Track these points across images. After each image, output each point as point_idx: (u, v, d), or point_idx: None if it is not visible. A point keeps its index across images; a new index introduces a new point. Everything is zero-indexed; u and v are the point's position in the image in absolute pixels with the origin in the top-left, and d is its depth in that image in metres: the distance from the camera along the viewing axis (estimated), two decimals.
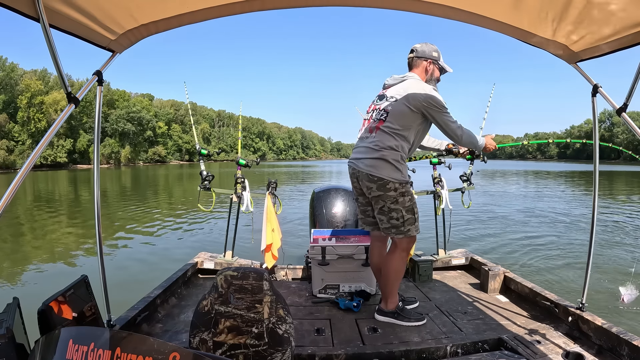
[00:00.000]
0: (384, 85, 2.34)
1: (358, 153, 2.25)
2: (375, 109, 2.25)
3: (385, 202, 2.16)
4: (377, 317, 2.31)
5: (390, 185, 2.13)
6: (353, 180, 2.33)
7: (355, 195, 2.41)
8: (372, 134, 2.19)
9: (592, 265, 2.21)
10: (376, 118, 2.20)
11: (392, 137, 2.14)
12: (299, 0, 1.86)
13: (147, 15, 1.74)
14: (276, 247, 3.07)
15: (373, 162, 2.14)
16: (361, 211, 2.42)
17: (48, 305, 1.45)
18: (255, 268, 1.34)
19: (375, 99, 2.34)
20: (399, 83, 2.25)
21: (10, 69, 59.93)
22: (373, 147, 2.15)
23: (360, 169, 2.19)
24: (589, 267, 2.19)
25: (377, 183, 2.13)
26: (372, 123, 2.23)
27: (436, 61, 2.29)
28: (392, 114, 2.15)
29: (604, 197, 14.07)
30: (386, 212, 2.18)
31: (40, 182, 26.28)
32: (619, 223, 8.65)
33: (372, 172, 2.14)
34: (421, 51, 2.28)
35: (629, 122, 1.73)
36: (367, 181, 2.17)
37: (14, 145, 55.70)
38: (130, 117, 71.76)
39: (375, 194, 2.16)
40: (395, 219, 2.17)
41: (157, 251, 6.67)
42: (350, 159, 2.33)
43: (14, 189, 1.23)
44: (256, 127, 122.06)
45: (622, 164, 62.54)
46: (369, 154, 2.17)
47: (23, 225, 9.61)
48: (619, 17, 1.61)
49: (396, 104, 2.15)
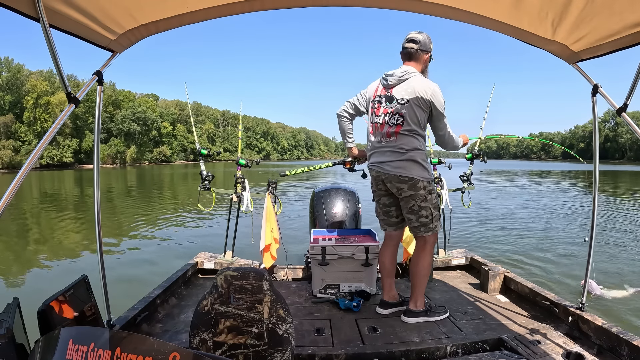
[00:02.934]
0: (385, 84, 2.28)
1: (381, 156, 2.29)
2: (387, 113, 2.23)
3: (416, 200, 2.22)
4: (407, 319, 2.27)
5: (420, 184, 2.20)
6: (377, 183, 2.37)
7: (377, 197, 2.45)
8: (392, 137, 2.22)
9: (593, 264, 2.21)
10: (392, 123, 2.20)
11: (414, 138, 2.20)
12: (299, 0, 1.87)
13: (147, 15, 1.74)
14: (275, 247, 3.07)
15: (401, 163, 2.20)
16: (383, 212, 2.46)
17: (48, 305, 1.45)
18: (255, 268, 1.34)
19: (381, 99, 2.28)
20: (402, 83, 2.22)
21: (17, 69, 60.49)
22: (398, 150, 2.20)
23: (387, 171, 2.24)
24: (589, 267, 2.19)
25: (408, 183, 2.20)
26: (389, 128, 2.22)
27: (431, 51, 2.30)
28: (408, 117, 2.17)
29: (607, 196, 14.07)
30: (416, 211, 2.25)
31: (46, 182, 26.51)
32: (620, 222, 8.65)
33: (401, 173, 2.19)
34: (424, 43, 2.25)
35: (629, 122, 1.73)
36: (397, 182, 2.22)
37: (20, 145, 56.19)
38: (135, 118, 72.27)
39: (407, 194, 2.22)
40: (425, 217, 2.25)
41: (158, 251, 6.67)
42: (371, 163, 2.36)
43: (15, 187, 1.23)
44: (260, 127, 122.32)
45: (626, 163, 62.50)
46: (395, 156, 2.22)
47: (26, 225, 9.62)
48: (619, 17, 1.61)
49: (408, 106, 2.16)
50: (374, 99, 2.34)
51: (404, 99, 2.17)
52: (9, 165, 51.37)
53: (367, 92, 2.41)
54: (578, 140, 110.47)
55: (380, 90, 2.32)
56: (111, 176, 33.01)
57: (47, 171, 46.00)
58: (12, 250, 7.11)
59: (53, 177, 31.91)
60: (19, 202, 13.40)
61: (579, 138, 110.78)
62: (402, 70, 2.24)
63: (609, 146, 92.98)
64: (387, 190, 2.35)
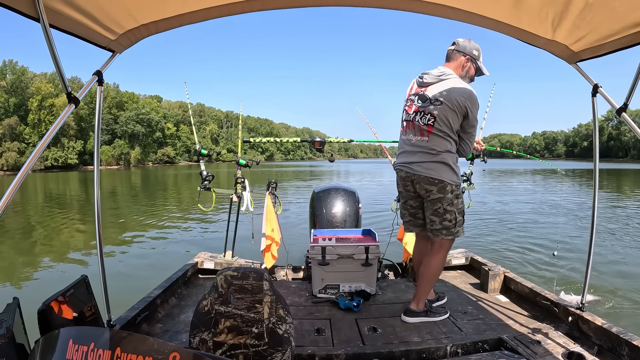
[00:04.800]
0: (420, 82, 2.24)
1: (411, 156, 2.25)
2: (419, 111, 2.19)
3: (442, 203, 2.20)
4: (408, 319, 2.27)
5: (448, 187, 2.18)
6: (406, 184, 2.33)
7: (404, 198, 2.42)
8: (424, 137, 2.18)
9: (593, 264, 2.21)
10: (425, 122, 2.17)
11: (446, 141, 2.17)
12: (299, 0, 1.87)
13: (147, 15, 1.74)
14: (276, 247, 3.07)
15: (432, 165, 2.16)
16: (410, 214, 2.44)
17: (48, 305, 1.45)
18: (255, 268, 1.34)
19: (414, 98, 2.24)
20: (439, 83, 2.17)
21: (21, 72, 60.75)
22: (429, 151, 2.17)
23: (417, 172, 2.20)
24: (589, 266, 2.19)
25: (438, 185, 2.17)
26: (420, 127, 2.19)
27: (475, 60, 2.24)
28: (440, 118, 2.13)
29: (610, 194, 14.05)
30: (440, 214, 2.22)
31: (51, 183, 26.76)
32: (622, 221, 8.64)
33: (432, 174, 2.16)
34: (462, 46, 2.22)
35: (629, 122, 1.73)
36: (427, 184, 2.19)
37: (25, 147, 56.37)
38: (139, 119, 72.46)
39: (435, 196, 2.19)
40: (448, 221, 2.22)
41: (158, 251, 6.68)
42: (400, 162, 2.31)
43: (16, 186, 1.23)
44: (264, 127, 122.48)
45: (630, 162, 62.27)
46: (426, 157, 2.18)
47: (28, 225, 9.64)
48: (619, 17, 1.61)
49: (442, 107, 2.12)
50: (408, 97, 2.32)
51: (438, 99, 2.13)
52: (14, 167, 51.69)
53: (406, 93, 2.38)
54: (581, 138, 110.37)
55: (414, 89, 2.28)
56: (115, 177, 33.17)
57: (51, 173, 46.29)
58: (13, 250, 7.12)
59: (58, 179, 32.10)
60: (24, 203, 13.41)
61: (582, 137, 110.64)
62: (440, 70, 2.21)
63: (613, 144, 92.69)
64: (416, 192, 2.31)
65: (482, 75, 2.31)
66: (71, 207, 13.47)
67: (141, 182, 27.93)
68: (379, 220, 7.44)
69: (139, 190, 21.10)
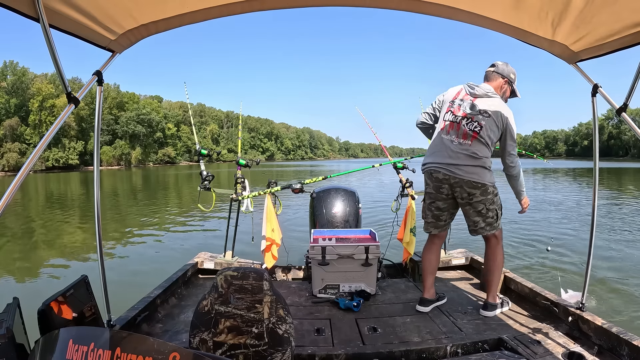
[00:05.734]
0: (470, 92, 2.36)
1: (452, 159, 2.29)
2: (466, 117, 2.30)
3: (485, 204, 2.32)
4: (487, 313, 2.36)
5: (490, 189, 2.30)
6: (441, 186, 2.36)
7: (432, 199, 2.44)
8: (467, 141, 2.27)
9: (593, 264, 2.21)
10: (471, 128, 2.28)
11: (487, 148, 2.29)
12: (299, 0, 1.86)
13: (147, 15, 1.74)
14: (276, 247, 3.07)
15: (475, 169, 2.25)
16: (434, 215, 2.47)
17: (48, 305, 1.45)
18: (255, 268, 1.34)
19: (462, 103, 2.34)
20: (487, 98, 2.32)
21: (22, 73, 60.76)
22: (472, 154, 2.26)
23: (459, 175, 2.26)
24: (589, 266, 2.19)
25: (481, 189, 2.27)
26: (467, 131, 2.28)
27: (511, 83, 2.41)
28: (486, 128, 2.27)
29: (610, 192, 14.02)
30: (484, 214, 2.33)
31: (52, 184, 26.80)
32: (622, 220, 8.64)
33: (475, 179, 2.24)
34: (501, 69, 2.40)
35: (629, 122, 1.73)
36: (470, 187, 2.27)
37: (26, 148, 56.36)
38: (140, 119, 72.47)
39: (478, 199, 2.29)
40: (491, 217, 2.36)
41: (158, 251, 6.68)
42: (437, 163, 2.33)
43: (17, 184, 1.23)
44: (264, 127, 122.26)
45: (630, 161, 62.07)
46: (469, 161, 2.26)
47: (29, 225, 9.64)
48: (619, 17, 1.61)
49: (489, 120, 2.27)
50: (453, 100, 2.39)
51: (487, 112, 2.27)
52: (15, 167, 51.73)
53: (444, 96, 2.48)
54: (582, 137, 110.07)
55: (462, 95, 2.38)
56: (116, 177, 33.19)
57: (52, 173, 46.38)
58: (13, 250, 7.12)
59: (59, 179, 32.16)
60: (24, 203, 13.42)
61: (582, 135, 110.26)
62: (487, 87, 2.35)
63: (613, 143, 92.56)
64: (448, 195, 2.36)
65: (515, 97, 2.47)
66: (72, 207, 13.47)
67: (142, 182, 27.95)
68: (379, 220, 7.44)
69: (140, 190, 21.10)
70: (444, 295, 2.61)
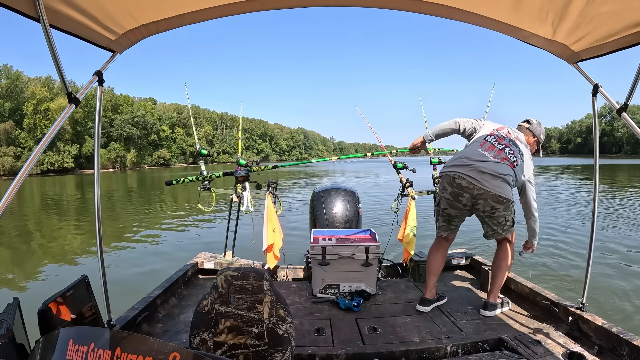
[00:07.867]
0: (514, 133, 2.45)
1: (479, 172, 2.27)
2: (508, 147, 2.36)
3: (505, 216, 2.35)
4: (488, 313, 2.38)
5: (512, 204, 2.35)
6: (461, 194, 2.32)
7: (448, 206, 2.42)
8: (503, 164, 2.29)
9: (593, 263, 2.21)
10: (511, 159, 2.33)
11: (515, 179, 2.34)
12: (299, 0, 1.87)
13: (148, 15, 1.74)
14: (278, 247, 3.07)
15: (500, 183, 2.28)
16: (445, 220, 2.49)
17: (48, 305, 1.45)
18: (255, 268, 1.34)
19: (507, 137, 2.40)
20: (523, 145, 2.43)
21: (16, 76, 60.53)
22: (501, 175, 2.26)
23: (486, 188, 2.25)
24: (589, 266, 2.19)
25: (505, 204, 2.30)
26: (507, 156, 2.33)
27: (539, 143, 2.56)
28: (519, 168, 2.34)
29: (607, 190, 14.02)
30: (503, 224, 2.38)
31: (48, 187, 26.76)
32: (621, 218, 8.63)
33: (501, 193, 2.26)
34: (535, 128, 2.55)
35: (629, 122, 1.72)
36: (494, 201, 2.27)
37: (21, 151, 56.23)
38: (134, 122, 72.22)
39: (500, 213, 2.33)
40: (509, 225, 2.41)
41: (158, 251, 6.68)
42: (463, 173, 2.30)
43: (16, 187, 1.23)
44: (259, 128, 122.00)
45: (623, 157, 62.00)
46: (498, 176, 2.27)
47: (27, 227, 9.65)
48: (619, 17, 1.61)
49: (521, 164, 2.35)
50: (498, 130, 2.45)
51: (522, 156, 2.38)
52: (11, 171, 51.54)
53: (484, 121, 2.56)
54: (575, 135, 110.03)
55: (505, 132, 2.45)
56: (112, 180, 33.18)
57: (48, 177, 46.20)
58: (13, 251, 7.12)
59: (54, 182, 32.13)
60: (21, 206, 13.42)
61: (575, 133, 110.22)
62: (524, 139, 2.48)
63: (606, 140, 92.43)
64: (465, 205, 2.34)
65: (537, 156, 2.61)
66: (69, 209, 13.47)
67: (139, 184, 27.94)
68: (379, 220, 7.44)
69: (136, 192, 21.08)
70: (444, 295, 2.60)
